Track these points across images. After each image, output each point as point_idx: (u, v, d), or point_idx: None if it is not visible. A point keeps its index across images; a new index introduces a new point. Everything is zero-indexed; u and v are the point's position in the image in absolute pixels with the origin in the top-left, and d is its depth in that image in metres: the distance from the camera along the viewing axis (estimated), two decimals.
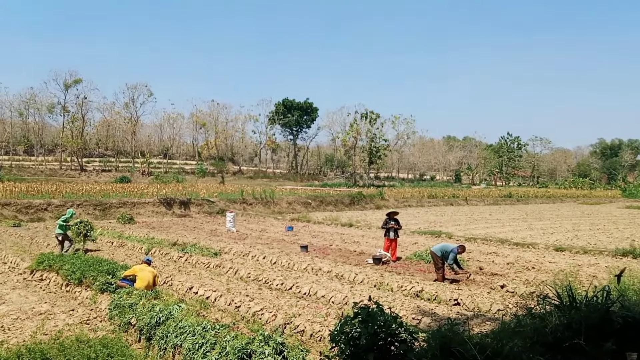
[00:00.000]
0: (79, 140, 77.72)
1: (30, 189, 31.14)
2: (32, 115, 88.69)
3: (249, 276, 11.90)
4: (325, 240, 19.03)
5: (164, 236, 18.73)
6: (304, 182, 78.58)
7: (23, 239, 18.21)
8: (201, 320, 7.24)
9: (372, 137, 78.43)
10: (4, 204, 25.43)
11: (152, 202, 30.65)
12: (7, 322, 8.25)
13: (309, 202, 38.62)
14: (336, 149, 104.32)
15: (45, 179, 56.29)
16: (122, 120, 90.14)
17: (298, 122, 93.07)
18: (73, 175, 68.42)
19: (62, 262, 11.22)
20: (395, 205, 42.93)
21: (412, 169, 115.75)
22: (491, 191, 64.35)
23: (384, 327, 4.34)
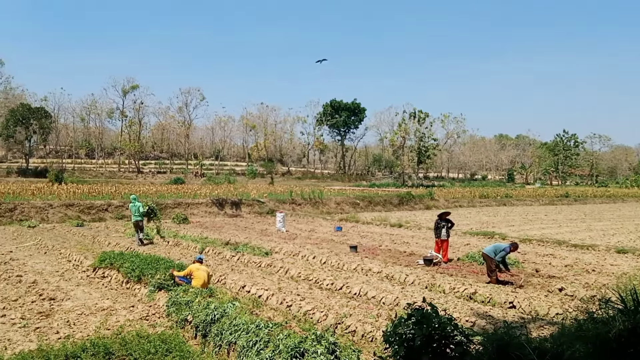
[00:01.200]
0: (136, 143, 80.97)
1: (91, 191, 32.71)
2: (93, 120, 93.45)
3: (300, 276, 12.01)
4: (374, 240, 18.94)
5: (217, 236, 19.18)
6: (352, 182, 78.49)
7: (86, 238, 19.13)
8: (254, 318, 7.38)
9: (421, 136, 77.34)
10: (68, 205, 26.84)
11: (205, 203, 31.47)
12: (73, 317, 8.69)
13: (357, 202, 38.53)
14: (384, 149, 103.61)
15: (105, 180, 58.98)
16: (176, 124, 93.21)
17: (346, 123, 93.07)
18: (130, 177, 71.25)
19: (123, 260, 11.73)
20: (446, 205, 42.16)
21: (463, 169, 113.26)
22: (546, 191, 62.07)
23: (438, 329, 4.29)
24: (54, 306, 9.39)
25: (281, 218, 22.64)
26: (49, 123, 75.31)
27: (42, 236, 19.05)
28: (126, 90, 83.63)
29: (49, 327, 8.12)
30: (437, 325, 4.36)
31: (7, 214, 24.57)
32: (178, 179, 62.01)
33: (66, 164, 76.98)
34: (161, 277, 9.86)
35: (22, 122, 69.42)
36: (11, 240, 18.38)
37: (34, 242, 17.76)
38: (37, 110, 72.85)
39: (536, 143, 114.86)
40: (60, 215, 25.65)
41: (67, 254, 14.98)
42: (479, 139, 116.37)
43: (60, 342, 7.20)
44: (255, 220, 28.41)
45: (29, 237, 19.04)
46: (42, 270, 12.89)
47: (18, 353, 6.60)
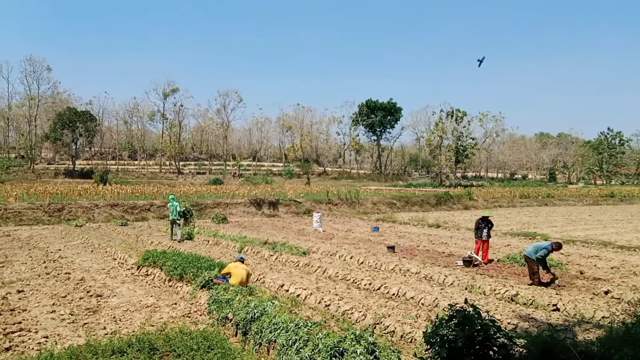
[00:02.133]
0: (176, 145, 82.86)
1: (134, 191, 33.70)
2: (135, 122, 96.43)
3: (337, 275, 12.04)
4: (412, 241, 18.77)
5: (255, 235, 19.43)
6: (388, 182, 77.96)
7: (129, 237, 19.72)
8: (293, 317, 7.45)
9: (459, 135, 76.00)
10: (113, 205, 27.73)
11: (243, 203, 31.91)
12: (119, 314, 8.99)
13: (394, 202, 38.25)
14: (421, 148, 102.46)
15: (147, 181, 60.59)
16: (215, 126, 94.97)
17: (382, 123, 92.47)
18: (171, 178, 72.93)
19: (165, 258, 12.03)
20: (485, 205, 41.33)
21: (502, 168, 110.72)
22: (590, 190, 59.95)
23: (481, 331, 4.23)
24: (101, 303, 9.73)
25: (318, 218, 22.72)
26: (94, 126, 77.96)
27: (88, 235, 19.76)
28: (167, 93, 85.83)
29: (97, 323, 8.42)
30: (480, 327, 4.29)
31: (55, 214, 25.61)
32: (217, 180, 63.11)
33: (110, 166, 79.56)
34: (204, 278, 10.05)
35: (69, 125, 72.11)
36: (60, 239, 19.14)
37: (81, 241, 18.44)
38: (82, 114, 75.53)
39: (579, 141, 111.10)
40: (105, 215, 26.54)
41: (112, 253, 15.50)
42: (519, 137, 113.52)
43: (107, 337, 7.45)
44: (293, 220, 28.60)
45: (77, 236, 19.78)
46: (89, 267, 13.37)
47: (67, 348, 6.86)
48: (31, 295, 10.31)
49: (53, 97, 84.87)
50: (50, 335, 7.76)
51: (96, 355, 6.47)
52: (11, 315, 8.79)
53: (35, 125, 78.58)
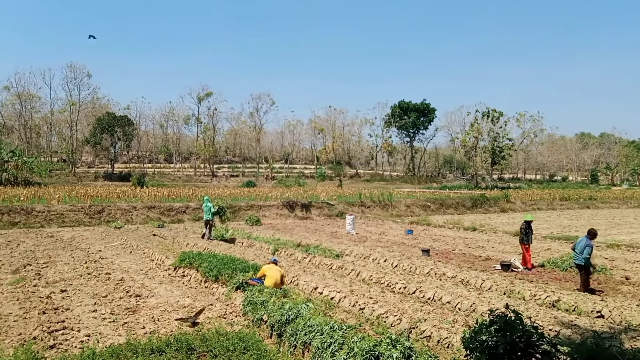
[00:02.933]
0: (210, 148, 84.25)
1: (170, 194, 34.42)
2: (170, 126, 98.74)
3: (371, 279, 11.95)
4: (447, 244, 18.49)
5: (288, 237, 19.51)
6: (422, 184, 77.11)
7: (166, 238, 20.12)
8: (328, 320, 7.43)
9: (495, 136, 74.45)
10: (150, 207, 28.38)
11: (276, 205, 32.13)
12: (157, 314, 9.17)
13: (428, 205, 37.80)
14: (455, 149, 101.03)
15: (183, 184, 61.73)
16: (248, 129, 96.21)
17: (415, 124, 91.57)
18: (206, 181, 74.09)
19: (201, 260, 12.22)
20: (523, 208, 40.38)
21: (541, 170, 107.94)
22: (635, 192, 57.70)
23: (523, 337, 4.11)
24: (140, 303, 9.94)
25: (351, 220, 22.66)
26: (132, 130, 80.00)
27: (127, 236, 20.26)
28: (201, 98, 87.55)
29: (136, 322, 8.61)
30: (521, 333, 4.17)
31: (96, 216, 26.38)
32: (250, 182, 63.79)
33: (147, 169, 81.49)
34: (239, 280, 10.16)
35: (108, 129, 74.23)
36: (100, 240, 19.71)
37: (120, 242, 18.93)
38: (121, 119, 77.63)
39: (622, 141, 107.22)
40: (143, 217, 27.18)
41: (150, 254, 15.84)
42: (558, 138, 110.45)
43: (147, 337, 7.60)
44: (325, 222, 28.61)
45: (116, 237, 20.32)
46: (128, 268, 13.71)
47: (109, 346, 7.03)
48: (74, 294, 10.63)
49: (93, 102, 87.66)
50: (92, 334, 7.98)
51: (136, 354, 6.61)
52: (55, 314, 9.07)
53: (76, 130, 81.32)
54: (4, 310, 9.34)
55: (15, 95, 79.84)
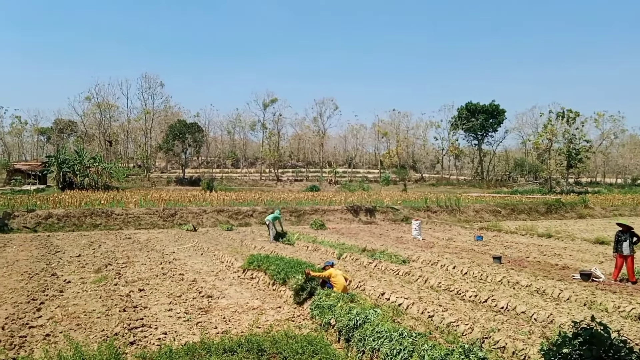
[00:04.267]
0: (275, 153, 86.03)
1: (238, 198, 35.38)
2: (237, 132, 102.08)
3: (440, 286, 11.68)
4: (520, 251, 17.74)
5: (353, 242, 19.47)
6: (491, 189, 74.56)
7: (235, 241, 20.68)
8: (397, 326, 7.34)
9: (571, 138, 70.57)
10: (219, 211, 29.33)
11: (340, 210, 32.20)
12: (228, 314, 9.44)
13: (498, 210, 36.47)
14: (527, 152, 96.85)
15: (249, 188, 63.32)
16: (311, 134, 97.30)
17: (483, 126, 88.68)
18: (271, 185, 75.59)
19: (269, 263, 12.45)
20: (603, 214, 38.06)
21: (622, 173, 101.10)
22: None
23: (610, 352, 3.85)
24: (212, 303, 10.28)
25: (417, 226, 22.28)
26: (201, 137, 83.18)
27: (198, 239, 21.02)
28: (266, 104, 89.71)
29: (209, 322, 8.90)
30: (608, 347, 3.91)
31: (169, 219, 27.61)
32: (314, 187, 64.36)
33: (215, 173, 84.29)
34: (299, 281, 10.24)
35: (179, 136, 77.60)
36: (173, 242, 20.59)
37: (192, 244, 19.68)
38: (191, 126, 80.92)
39: None
40: (212, 220, 28.12)
41: (220, 256, 16.36)
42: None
43: (219, 336, 7.84)
44: (390, 227, 28.32)
45: (188, 240, 21.14)
46: (200, 269, 14.22)
47: (184, 344, 7.31)
48: (150, 293, 11.16)
49: (165, 110, 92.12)
50: (168, 332, 8.33)
51: (209, 353, 6.83)
52: (134, 311, 9.56)
53: (150, 137, 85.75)
54: (89, 307, 9.96)
55: (96, 105, 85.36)
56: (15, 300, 10.43)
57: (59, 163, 50.16)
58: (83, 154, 53.46)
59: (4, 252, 17.64)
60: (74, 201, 29.52)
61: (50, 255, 16.63)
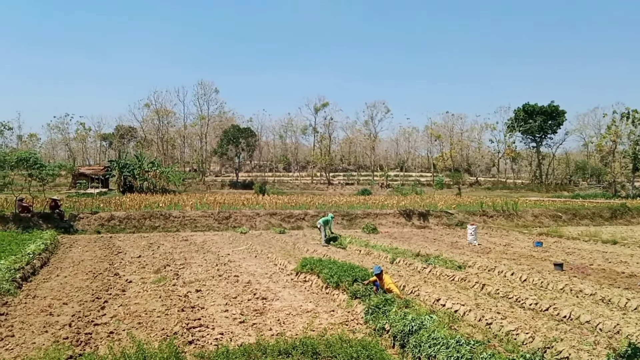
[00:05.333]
0: (326, 157, 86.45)
1: (290, 201, 35.76)
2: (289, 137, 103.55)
3: (498, 292, 11.32)
4: (583, 258, 16.92)
5: (406, 247, 19.23)
6: (550, 192, 71.64)
7: (287, 244, 20.91)
8: (454, 333, 7.17)
9: (637, 139, 66.79)
10: (272, 214, 29.76)
11: (392, 214, 31.89)
12: (282, 317, 9.54)
13: (558, 215, 35.00)
14: (589, 155, 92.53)
15: (300, 192, 63.84)
16: (362, 137, 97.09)
17: (541, 128, 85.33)
18: (322, 189, 75.89)
19: (322, 266, 12.50)
20: None
21: None
22: None
23: None
24: (266, 305, 10.42)
25: (472, 230, 21.74)
26: (254, 141, 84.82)
27: (252, 241, 21.41)
28: (318, 108, 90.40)
29: (263, 324, 9.02)
30: None
31: (224, 221, 28.29)
32: (365, 190, 64.11)
33: (267, 177, 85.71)
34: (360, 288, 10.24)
35: (233, 141, 79.46)
36: (228, 244, 21.05)
37: (246, 247, 20.06)
38: (244, 130, 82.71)
39: None
40: (265, 223, 28.57)
41: (273, 258, 16.58)
42: None
43: (274, 338, 7.92)
44: (444, 232, 27.77)
45: (242, 242, 21.57)
46: (254, 272, 14.46)
47: (240, 345, 7.44)
48: (207, 294, 11.45)
49: (220, 116, 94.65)
50: (225, 332, 8.50)
51: (265, 354, 6.93)
52: (192, 312, 9.83)
53: (205, 141, 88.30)
54: (149, 306, 10.33)
55: (154, 112, 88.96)
56: (81, 298, 10.97)
57: (120, 167, 52.56)
58: (142, 159, 55.74)
59: (70, 252, 18.64)
60: (134, 204, 30.79)
61: (112, 256, 17.41)
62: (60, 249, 19.48)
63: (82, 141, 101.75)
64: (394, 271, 13.87)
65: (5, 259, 13.59)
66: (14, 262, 13.42)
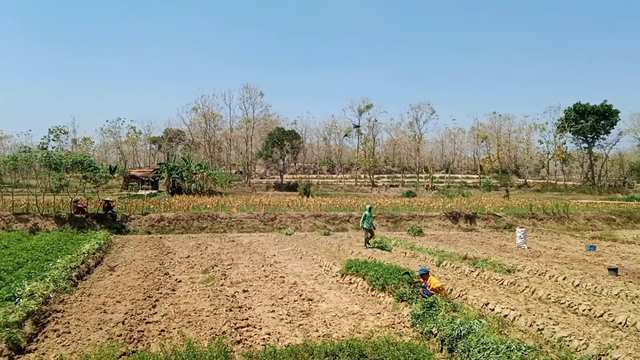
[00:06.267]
0: (370, 159, 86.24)
1: (334, 203, 35.85)
2: (333, 139, 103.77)
3: (549, 297, 11.00)
4: (639, 263, 16.18)
5: (453, 249, 18.93)
6: (603, 195, 68.68)
7: (332, 246, 20.98)
8: (504, 338, 7.05)
9: None
10: (316, 216, 29.94)
11: (438, 216, 31.45)
12: (328, 318, 9.61)
13: (612, 218, 33.54)
14: None
15: (344, 194, 63.88)
16: (407, 139, 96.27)
17: (593, 128, 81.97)
18: (366, 191, 75.64)
19: (367, 268, 12.51)
20: None
21: None
22: None
23: None
24: (312, 306, 10.52)
25: (522, 234, 21.17)
26: (298, 143, 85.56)
27: (297, 243, 21.63)
28: (362, 110, 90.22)
29: (310, 325, 9.12)
30: None
31: (269, 223, 28.70)
32: (410, 192, 63.44)
33: (311, 179, 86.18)
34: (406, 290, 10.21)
35: (278, 143, 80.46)
36: (274, 245, 21.35)
37: (291, 248, 20.29)
38: (289, 133, 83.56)
39: None
40: (310, 225, 28.78)
41: (318, 260, 16.70)
42: None
43: (321, 339, 8.01)
44: (492, 235, 27.14)
45: (287, 243, 21.82)
46: (299, 273, 14.62)
47: (287, 345, 7.57)
48: (254, 295, 11.67)
49: (265, 119, 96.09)
50: (272, 333, 8.65)
51: (312, 355, 7.02)
52: (239, 311, 10.05)
53: (250, 144, 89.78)
54: (198, 305, 10.64)
55: (202, 115, 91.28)
56: (133, 297, 11.40)
57: (169, 170, 54.18)
58: (190, 161, 57.26)
59: (123, 251, 19.38)
60: (182, 205, 31.68)
61: (162, 256, 17.99)
62: (113, 248, 20.29)
63: (132, 144, 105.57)
64: (441, 274, 13.69)
65: (62, 258, 14.30)
66: (70, 261, 14.09)
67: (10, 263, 13.18)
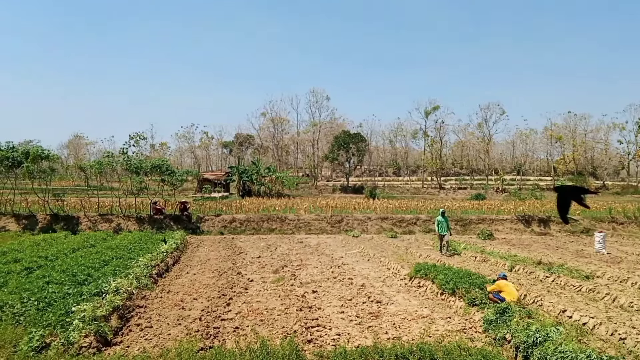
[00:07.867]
0: (437, 161, 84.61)
1: (400, 206, 35.55)
2: (399, 141, 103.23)
3: (631, 305, 10.40)
4: None
5: (526, 254, 18.26)
6: None
7: (399, 248, 20.88)
8: (583, 347, 6.80)
9: None
10: (383, 218, 29.85)
11: (509, 219, 30.39)
12: (397, 321, 9.63)
13: None
14: None
15: (411, 196, 63.12)
16: (475, 140, 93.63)
17: None
18: (433, 193, 74.26)
19: (436, 272, 12.39)
20: None
21: None
22: None
23: None
24: (381, 309, 10.58)
25: (601, 238, 20.05)
26: (364, 146, 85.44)
27: (364, 245, 21.70)
28: (428, 112, 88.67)
29: (379, 327, 9.19)
30: None
31: (336, 225, 28.96)
32: (479, 195, 61.51)
33: (377, 182, 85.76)
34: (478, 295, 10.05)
35: (344, 146, 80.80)
36: (341, 247, 21.55)
37: (358, 250, 20.40)
38: (354, 136, 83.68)
39: None
40: (376, 227, 28.75)
41: (386, 263, 16.70)
42: None
43: (391, 342, 8.06)
44: (567, 239, 25.88)
45: (354, 245, 21.95)
46: (367, 275, 14.70)
47: (357, 347, 7.69)
48: (323, 295, 11.89)
49: (331, 122, 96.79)
50: (341, 334, 8.80)
51: (382, 357, 7.10)
52: (309, 311, 10.29)
53: (317, 147, 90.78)
54: (269, 304, 10.99)
55: (270, 120, 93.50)
56: (208, 294, 11.95)
57: (240, 173, 55.95)
58: (259, 164, 58.80)
59: (198, 251, 20.31)
60: (252, 207, 32.62)
61: (235, 256, 18.68)
62: (189, 248, 21.30)
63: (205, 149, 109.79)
64: (514, 279, 13.30)
65: (143, 257, 15.23)
66: (150, 259, 14.99)
67: (97, 261, 14.21)
